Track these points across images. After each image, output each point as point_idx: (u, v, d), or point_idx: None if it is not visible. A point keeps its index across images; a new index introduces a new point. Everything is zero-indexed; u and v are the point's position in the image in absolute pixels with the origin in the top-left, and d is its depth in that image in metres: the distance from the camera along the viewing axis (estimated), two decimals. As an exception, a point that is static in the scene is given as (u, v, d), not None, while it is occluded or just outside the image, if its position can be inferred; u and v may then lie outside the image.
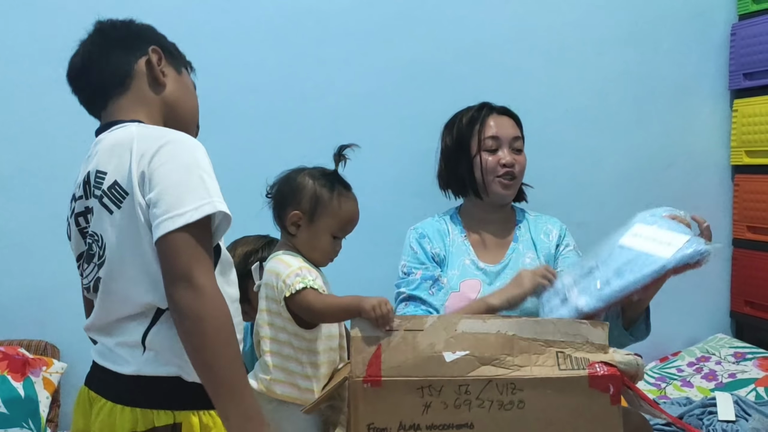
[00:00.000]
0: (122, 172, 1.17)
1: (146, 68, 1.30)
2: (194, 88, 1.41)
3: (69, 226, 1.32)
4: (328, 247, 1.54)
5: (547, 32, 2.56)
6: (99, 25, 1.36)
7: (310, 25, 2.39)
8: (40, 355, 2.20)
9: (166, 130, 1.22)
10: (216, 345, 1.08)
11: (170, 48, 1.37)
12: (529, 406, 1.27)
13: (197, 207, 1.10)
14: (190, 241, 1.10)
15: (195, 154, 1.17)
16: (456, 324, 1.35)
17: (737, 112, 2.67)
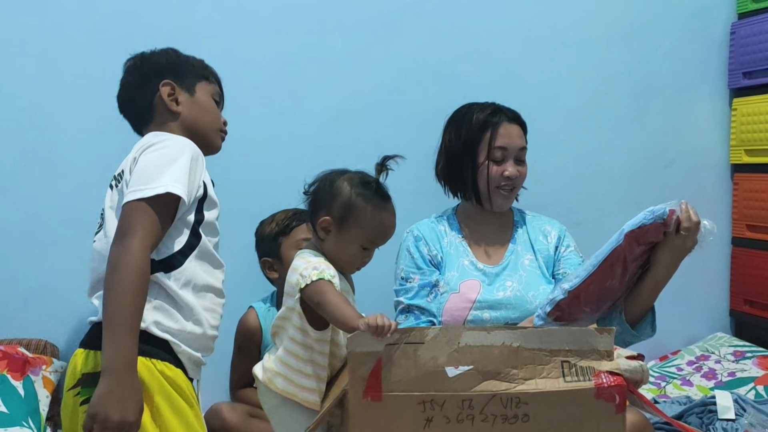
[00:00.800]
0: (128, 161, 1.41)
1: (161, 102, 1.51)
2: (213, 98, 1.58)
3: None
4: (354, 256, 1.50)
5: (546, 30, 2.55)
6: (127, 63, 1.59)
7: (310, 23, 2.38)
8: (39, 354, 2.20)
9: (168, 134, 1.46)
10: (116, 291, 1.25)
11: (182, 70, 1.55)
12: (533, 419, 1.26)
13: (154, 187, 1.30)
14: (138, 210, 1.30)
15: (179, 150, 1.38)
16: (459, 336, 1.31)
17: (737, 110, 2.67)
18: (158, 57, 1.57)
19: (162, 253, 1.36)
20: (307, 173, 2.40)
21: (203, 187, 1.42)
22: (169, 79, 1.52)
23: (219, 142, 1.60)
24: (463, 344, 1.31)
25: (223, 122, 1.60)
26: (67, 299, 2.25)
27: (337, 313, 1.36)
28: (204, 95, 1.56)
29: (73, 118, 2.24)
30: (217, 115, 1.59)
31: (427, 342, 1.31)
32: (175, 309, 1.37)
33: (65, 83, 2.24)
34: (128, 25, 2.23)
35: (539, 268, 1.93)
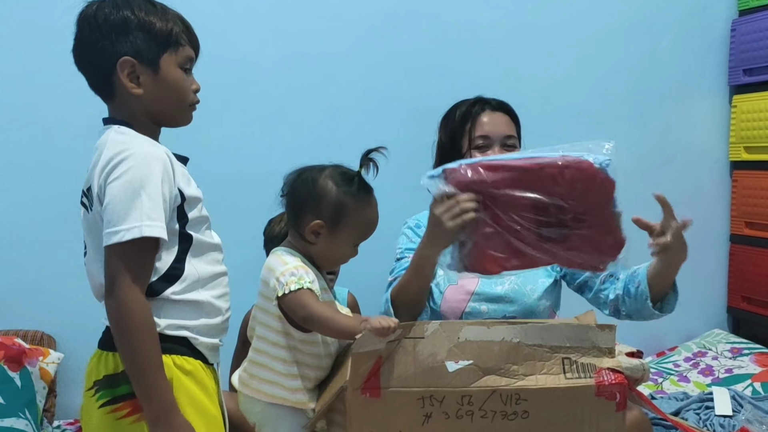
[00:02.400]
0: (93, 180, 1.30)
1: (120, 81, 1.32)
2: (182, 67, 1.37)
3: None
4: (347, 254, 1.47)
5: (546, 27, 2.55)
6: (84, 11, 1.35)
7: (308, 19, 2.37)
8: (36, 345, 2.20)
9: (132, 142, 1.30)
10: (129, 346, 1.23)
11: (144, 40, 1.32)
12: (533, 416, 1.24)
13: (128, 229, 1.23)
14: (118, 256, 1.24)
15: (144, 171, 1.26)
16: (458, 331, 1.29)
17: (736, 108, 2.66)
18: (118, 13, 1.32)
19: (160, 271, 1.30)
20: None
21: (179, 194, 1.32)
22: (129, 54, 1.31)
23: (189, 117, 1.42)
24: (462, 339, 1.29)
25: (194, 90, 1.40)
26: (65, 291, 2.25)
27: (333, 325, 1.32)
28: (170, 69, 1.35)
29: (69, 112, 2.24)
30: (185, 90, 1.38)
31: (426, 337, 1.29)
32: (192, 311, 1.34)
33: (60, 78, 2.21)
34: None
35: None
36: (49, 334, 2.26)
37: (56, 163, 2.24)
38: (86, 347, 2.35)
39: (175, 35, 1.35)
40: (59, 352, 2.22)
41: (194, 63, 1.41)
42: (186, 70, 1.38)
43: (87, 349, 2.28)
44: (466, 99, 2.00)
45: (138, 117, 1.35)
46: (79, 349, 2.24)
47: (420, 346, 1.29)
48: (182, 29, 1.38)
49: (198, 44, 1.42)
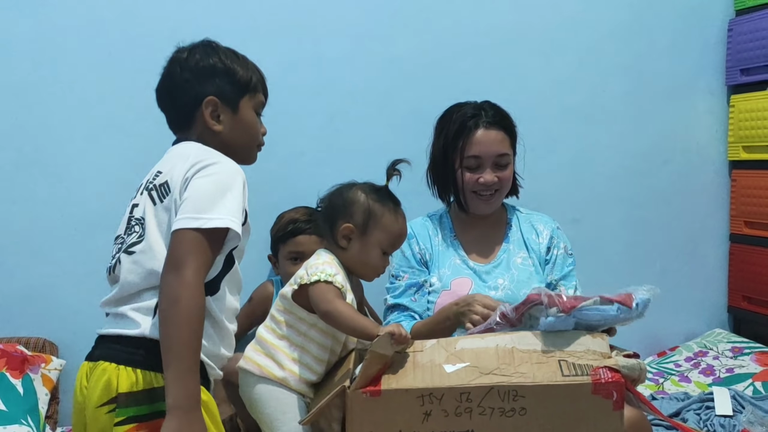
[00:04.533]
0: (175, 175, 1.37)
1: (202, 117, 1.46)
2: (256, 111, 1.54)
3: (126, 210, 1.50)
4: (378, 261, 1.54)
5: (543, 29, 2.55)
6: (175, 55, 1.51)
7: (306, 23, 2.38)
8: (38, 352, 2.20)
9: (222, 155, 1.41)
10: (179, 327, 1.23)
11: (228, 83, 1.48)
12: (530, 412, 1.25)
13: (211, 218, 1.29)
14: (193, 240, 1.27)
15: (232, 178, 1.36)
16: (455, 343, 1.34)
17: (734, 107, 2.67)
18: (208, 60, 1.48)
19: (208, 277, 1.34)
20: (303, 172, 2.43)
21: (245, 214, 1.40)
22: (214, 94, 1.46)
23: (255, 157, 1.57)
24: (459, 348, 1.33)
25: (263, 133, 1.57)
26: (66, 297, 2.25)
27: (353, 323, 1.40)
28: (247, 111, 1.51)
29: (71, 119, 2.25)
30: (257, 131, 1.54)
31: (425, 350, 1.35)
32: (216, 332, 1.37)
33: (62, 85, 2.24)
34: (126, 28, 2.24)
35: (533, 266, 1.93)
36: (51, 341, 2.26)
37: (58, 170, 2.25)
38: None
39: (254, 82, 1.52)
40: (61, 359, 2.23)
41: (262, 110, 1.58)
42: (258, 115, 1.55)
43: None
44: (464, 103, 2.00)
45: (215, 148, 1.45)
46: (82, 355, 2.21)
47: (419, 356, 1.34)
48: (259, 78, 1.55)
49: (267, 93, 1.60)
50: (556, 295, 1.36)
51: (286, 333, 1.49)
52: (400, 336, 1.31)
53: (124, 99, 2.23)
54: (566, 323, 1.35)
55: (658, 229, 2.70)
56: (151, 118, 1.64)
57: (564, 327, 1.36)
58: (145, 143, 2.20)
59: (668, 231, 2.71)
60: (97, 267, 2.20)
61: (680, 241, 2.73)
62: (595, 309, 1.36)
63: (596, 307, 1.36)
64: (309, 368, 1.47)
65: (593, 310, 1.36)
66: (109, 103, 2.25)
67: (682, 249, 2.73)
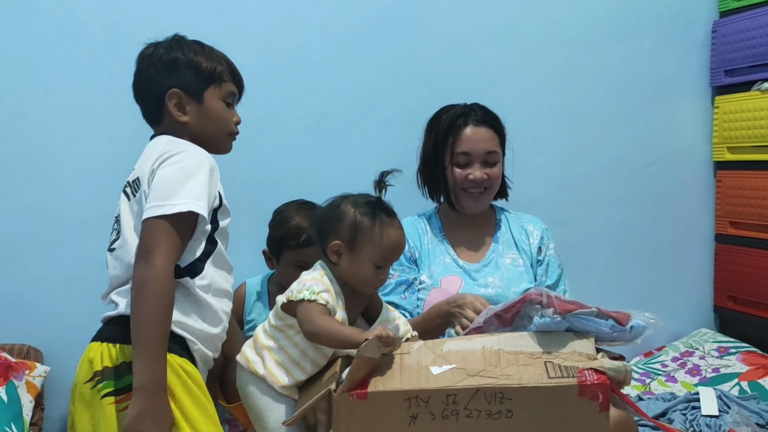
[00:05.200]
0: (144, 169, 1.43)
1: (168, 110, 1.51)
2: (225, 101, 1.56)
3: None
4: (370, 275, 1.50)
5: (529, 31, 2.56)
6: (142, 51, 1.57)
7: (294, 26, 2.37)
8: (22, 359, 2.18)
9: (188, 144, 1.47)
10: (146, 311, 1.30)
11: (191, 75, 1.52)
12: (517, 415, 1.25)
13: (175, 204, 1.34)
14: (160, 228, 1.33)
15: (196, 163, 1.42)
16: (441, 345, 1.34)
17: (719, 108, 2.68)
18: (170, 54, 1.54)
19: (186, 260, 1.41)
20: (291, 175, 2.42)
21: (218, 198, 1.47)
22: (177, 86, 1.51)
23: (228, 146, 1.61)
24: (446, 350, 1.33)
25: (235, 122, 1.59)
26: (51, 304, 2.23)
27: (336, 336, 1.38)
28: (213, 101, 1.54)
29: (55, 124, 2.23)
30: (226, 121, 1.57)
31: (412, 352, 1.34)
32: (197, 309, 1.44)
33: (46, 88, 2.22)
34: (111, 30, 2.22)
35: (522, 266, 1.94)
36: (36, 348, 2.24)
37: (41, 175, 2.23)
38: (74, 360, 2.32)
39: (218, 72, 1.54)
40: (46, 366, 2.20)
41: (237, 98, 1.61)
42: (228, 104, 1.57)
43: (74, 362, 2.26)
44: (453, 105, 2.02)
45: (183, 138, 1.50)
46: (66, 362, 2.22)
47: (406, 358, 1.33)
48: (226, 68, 1.56)
49: (241, 81, 1.62)
50: (555, 297, 1.35)
51: (274, 335, 1.51)
52: (387, 338, 1.29)
53: (107, 102, 2.21)
54: (559, 326, 1.35)
55: (644, 229, 2.72)
56: (134, 122, 1.63)
57: (555, 329, 1.36)
58: (128, 147, 2.17)
59: (654, 231, 2.73)
60: (81, 272, 2.21)
61: (666, 242, 2.74)
62: (591, 320, 1.35)
63: (592, 318, 1.36)
64: (288, 372, 1.48)
65: (588, 320, 1.35)
66: (92, 106, 2.23)
67: (668, 249, 2.75)
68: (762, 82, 2.50)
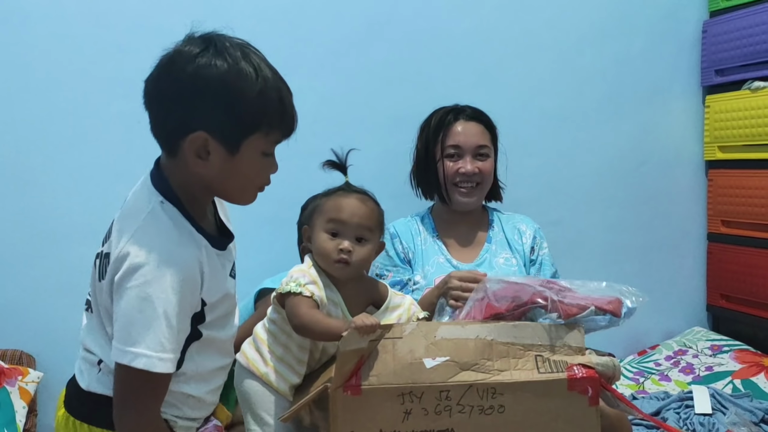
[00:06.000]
0: (113, 254, 1.16)
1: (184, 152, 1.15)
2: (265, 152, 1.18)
3: None
4: (326, 245, 1.47)
5: (520, 33, 2.56)
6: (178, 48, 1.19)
7: (284, 29, 2.37)
8: (15, 364, 2.17)
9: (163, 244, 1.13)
10: None
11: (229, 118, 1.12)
12: (509, 410, 1.27)
13: (137, 355, 1.11)
14: (131, 377, 1.13)
15: (162, 293, 1.11)
16: (435, 330, 1.34)
17: (709, 108, 2.70)
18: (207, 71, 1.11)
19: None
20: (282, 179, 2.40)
21: (200, 303, 1.19)
22: (206, 130, 1.11)
23: (252, 198, 1.25)
24: (439, 338, 1.32)
25: (271, 172, 1.23)
26: (43, 309, 2.23)
27: (320, 328, 1.38)
28: (251, 154, 1.15)
29: (44, 129, 2.22)
30: (259, 176, 1.20)
31: (405, 336, 1.33)
32: (175, 400, 1.24)
33: (34, 95, 2.21)
34: (103, 34, 2.21)
35: (516, 266, 1.95)
36: (29, 353, 2.23)
37: (32, 181, 2.22)
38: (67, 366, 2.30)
39: (269, 116, 1.14)
40: (39, 371, 2.20)
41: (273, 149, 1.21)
42: (267, 155, 1.19)
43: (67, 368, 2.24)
44: (444, 106, 2.03)
45: (191, 190, 1.19)
46: (60, 367, 2.21)
47: (399, 345, 1.32)
48: (278, 108, 1.16)
49: (293, 123, 1.21)
50: (559, 302, 1.37)
51: (273, 330, 1.50)
52: (363, 327, 1.26)
53: (98, 108, 2.21)
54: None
55: (637, 229, 2.72)
56: (126, 129, 1.61)
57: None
58: (120, 154, 2.19)
59: (647, 231, 2.74)
60: (72, 278, 2.19)
61: (659, 241, 2.75)
62: (591, 320, 1.38)
63: (591, 318, 1.38)
64: (290, 367, 1.47)
65: (588, 320, 1.38)
66: (82, 112, 2.23)
67: (661, 249, 2.76)
68: (752, 82, 2.51)
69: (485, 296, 1.45)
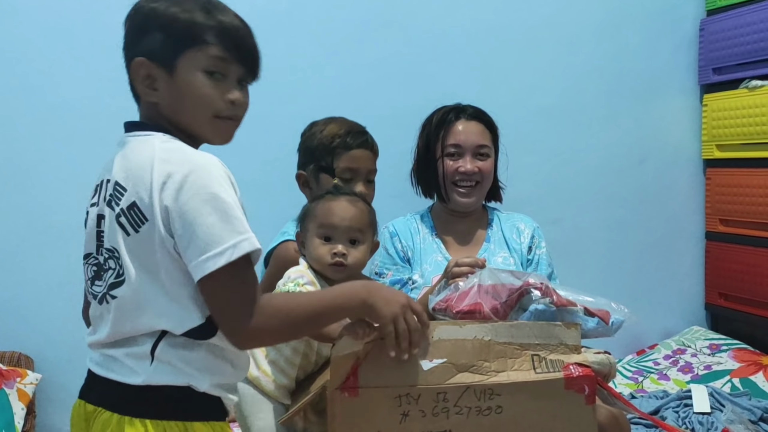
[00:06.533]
0: (142, 196, 1.10)
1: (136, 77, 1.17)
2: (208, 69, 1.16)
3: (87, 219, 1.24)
4: (319, 250, 1.48)
5: (518, 30, 2.57)
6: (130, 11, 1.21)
7: (282, 27, 2.37)
8: (13, 366, 2.17)
9: (189, 152, 1.12)
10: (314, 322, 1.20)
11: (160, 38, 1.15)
12: (506, 410, 1.27)
13: (235, 245, 1.07)
14: (231, 277, 1.07)
15: (219, 186, 1.09)
16: (432, 331, 1.32)
17: (707, 106, 2.70)
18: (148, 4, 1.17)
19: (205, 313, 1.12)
20: (279, 177, 2.41)
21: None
22: (144, 54, 1.14)
23: (219, 132, 1.22)
24: (436, 338, 1.32)
25: (228, 101, 1.19)
26: (42, 311, 2.23)
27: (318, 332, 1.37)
28: (188, 72, 1.14)
29: (40, 126, 2.22)
30: (208, 98, 1.16)
31: None
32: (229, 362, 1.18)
33: (30, 91, 2.21)
34: (93, 33, 2.21)
35: (513, 266, 1.95)
36: (27, 355, 2.23)
37: (29, 179, 2.22)
38: (65, 367, 2.33)
39: (198, 29, 1.14)
40: (37, 373, 2.20)
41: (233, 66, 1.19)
42: (213, 75, 1.16)
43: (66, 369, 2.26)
44: (445, 105, 2.03)
45: (167, 127, 1.17)
46: (58, 369, 2.21)
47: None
48: (212, 23, 1.16)
49: (241, 46, 1.20)
50: (552, 289, 1.38)
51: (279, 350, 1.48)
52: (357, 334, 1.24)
53: (94, 104, 2.21)
54: (552, 316, 1.37)
55: (635, 228, 2.73)
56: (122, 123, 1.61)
57: (548, 319, 1.37)
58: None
59: (645, 230, 2.74)
60: (72, 277, 2.18)
61: (657, 240, 2.75)
62: (579, 317, 1.38)
63: (579, 315, 1.38)
64: (282, 371, 1.47)
65: (575, 316, 1.37)
66: (79, 108, 2.23)
67: (659, 247, 2.76)
68: (750, 80, 2.51)
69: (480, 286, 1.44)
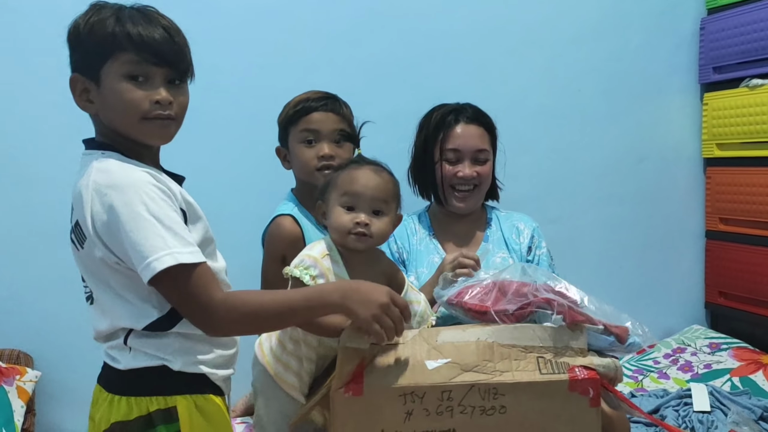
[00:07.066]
0: (83, 215, 1.20)
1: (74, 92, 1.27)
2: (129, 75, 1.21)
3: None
4: (341, 219, 1.44)
5: (517, 29, 2.56)
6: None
7: (279, 27, 2.37)
8: (13, 364, 2.17)
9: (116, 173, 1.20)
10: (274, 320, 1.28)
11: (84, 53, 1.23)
12: (510, 410, 1.27)
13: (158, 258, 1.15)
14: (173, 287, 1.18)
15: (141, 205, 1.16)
16: (436, 335, 1.34)
17: (707, 105, 2.69)
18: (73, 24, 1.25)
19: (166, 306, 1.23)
20: (277, 176, 2.41)
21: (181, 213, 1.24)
22: (76, 70, 1.24)
23: (152, 132, 1.25)
24: (440, 342, 1.33)
25: (153, 101, 1.22)
26: (41, 308, 2.22)
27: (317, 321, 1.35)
28: (112, 81, 1.21)
29: (38, 124, 2.21)
30: (131, 103, 1.21)
31: (406, 342, 1.34)
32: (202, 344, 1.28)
33: (28, 90, 2.21)
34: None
35: (512, 265, 1.94)
36: (26, 353, 2.23)
37: (28, 177, 2.22)
38: (64, 364, 2.33)
39: (110, 41, 1.20)
40: (37, 370, 2.20)
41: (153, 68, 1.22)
42: (135, 79, 1.21)
43: (65, 367, 2.26)
44: (445, 104, 2.02)
45: (113, 137, 1.26)
46: (58, 366, 2.21)
47: (400, 350, 1.33)
48: (123, 31, 1.20)
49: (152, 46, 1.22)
50: (568, 306, 1.35)
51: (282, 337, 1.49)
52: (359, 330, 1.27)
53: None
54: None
55: (635, 227, 2.72)
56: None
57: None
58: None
59: (645, 229, 2.74)
60: (69, 275, 2.17)
61: (657, 239, 2.75)
62: (594, 336, 1.37)
63: (595, 334, 1.37)
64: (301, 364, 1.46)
65: (591, 335, 1.37)
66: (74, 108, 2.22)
67: (659, 246, 2.76)
68: (750, 79, 2.51)
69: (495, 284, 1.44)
